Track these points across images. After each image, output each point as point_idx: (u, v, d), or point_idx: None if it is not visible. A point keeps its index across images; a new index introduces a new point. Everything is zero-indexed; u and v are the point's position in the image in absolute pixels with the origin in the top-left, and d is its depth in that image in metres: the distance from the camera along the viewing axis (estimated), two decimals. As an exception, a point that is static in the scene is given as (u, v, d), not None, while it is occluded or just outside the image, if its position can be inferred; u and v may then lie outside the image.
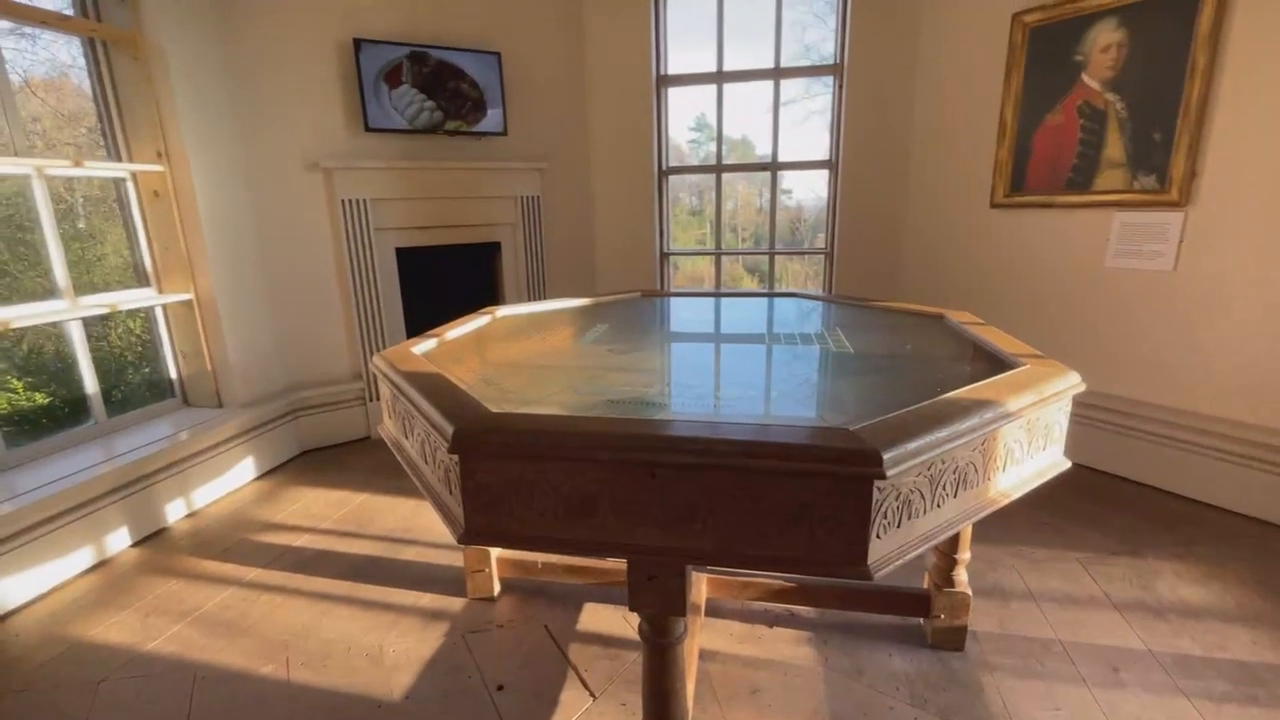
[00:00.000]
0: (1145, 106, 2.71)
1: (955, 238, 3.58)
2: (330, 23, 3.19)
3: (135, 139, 2.81)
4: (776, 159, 4.12)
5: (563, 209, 4.10)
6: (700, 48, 4.03)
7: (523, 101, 3.79)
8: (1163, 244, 2.73)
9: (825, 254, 4.16)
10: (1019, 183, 3.22)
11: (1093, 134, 2.90)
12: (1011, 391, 1.21)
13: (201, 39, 2.86)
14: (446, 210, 3.66)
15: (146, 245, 2.92)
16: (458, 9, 3.51)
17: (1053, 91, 3.02)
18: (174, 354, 3.05)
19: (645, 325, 2.28)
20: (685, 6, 4.00)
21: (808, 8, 4.04)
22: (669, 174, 4.25)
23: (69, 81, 2.81)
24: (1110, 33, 2.79)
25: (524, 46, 3.73)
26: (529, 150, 3.87)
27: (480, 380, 1.61)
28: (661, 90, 4.08)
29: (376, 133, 3.33)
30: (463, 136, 3.57)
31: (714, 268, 4.45)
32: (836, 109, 3.89)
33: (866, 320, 2.15)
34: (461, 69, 3.46)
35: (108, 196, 2.87)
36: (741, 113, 4.24)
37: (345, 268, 3.40)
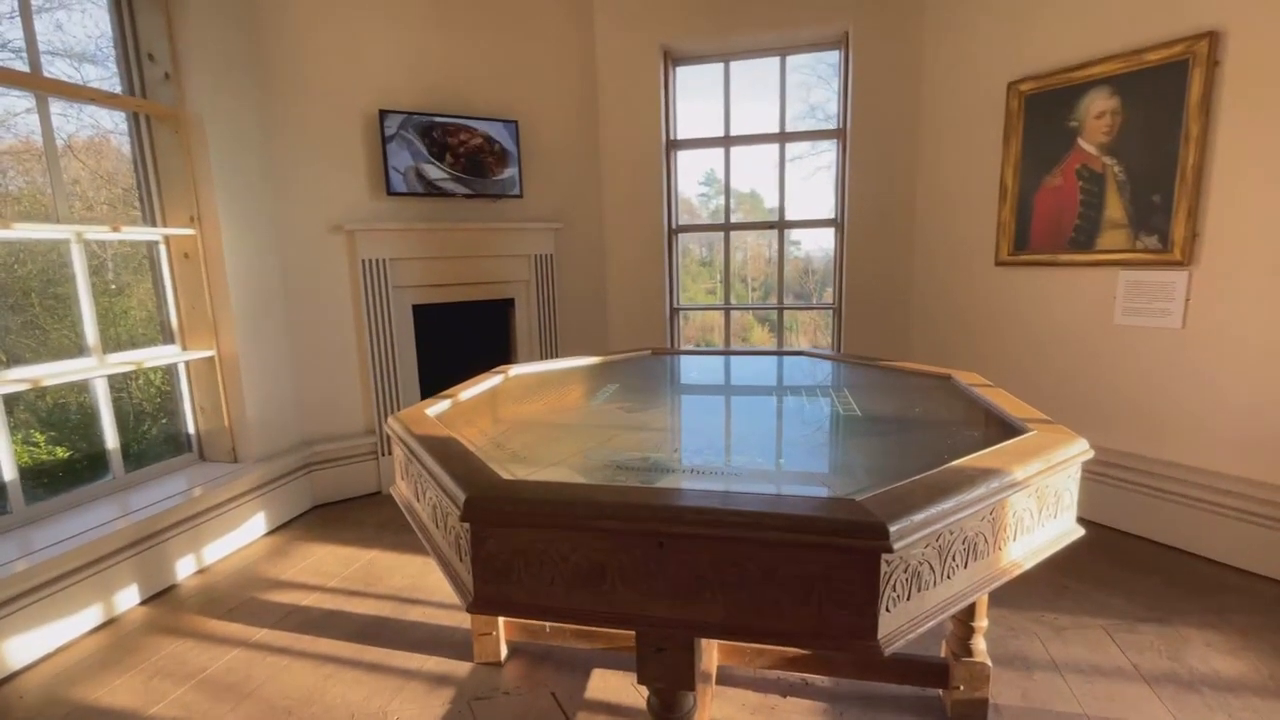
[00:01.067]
0: (1143, 171, 2.78)
1: (962, 295, 3.62)
2: (358, 96, 3.38)
3: (170, 204, 2.96)
4: (783, 217, 4.23)
5: (576, 266, 4.20)
6: (708, 97, 4.21)
7: (538, 165, 3.95)
8: (1169, 302, 2.75)
9: (833, 309, 4.20)
10: (1023, 242, 3.27)
11: (1093, 196, 2.97)
12: (1019, 459, 1.21)
13: (238, 113, 3.04)
14: (462, 268, 3.77)
15: (174, 303, 3.02)
16: (479, 82, 3.71)
17: (1051, 155, 3.11)
18: (193, 409, 3.11)
19: (655, 385, 2.31)
20: (694, 73, 4.21)
21: (811, 70, 4.23)
22: (679, 232, 4.37)
23: (109, 144, 2.97)
24: (1103, 101, 2.89)
25: (541, 114, 3.92)
26: (544, 211, 4.01)
27: (491, 442, 1.63)
28: (671, 154, 4.24)
29: (397, 196, 3.47)
30: (480, 199, 3.72)
31: (724, 320, 4.50)
32: (841, 171, 4.02)
33: (875, 381, 2.17)
34: (481, 136, 3.63)
35: (138, 253, 3.00)
36: (750, 167, 4.39)
37: (363, 325, 3.49)
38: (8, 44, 2.48)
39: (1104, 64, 2.84)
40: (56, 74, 2.57)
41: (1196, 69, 2.56)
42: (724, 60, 4.11)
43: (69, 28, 2.70)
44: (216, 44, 2.92)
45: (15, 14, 2.43)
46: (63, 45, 2.69)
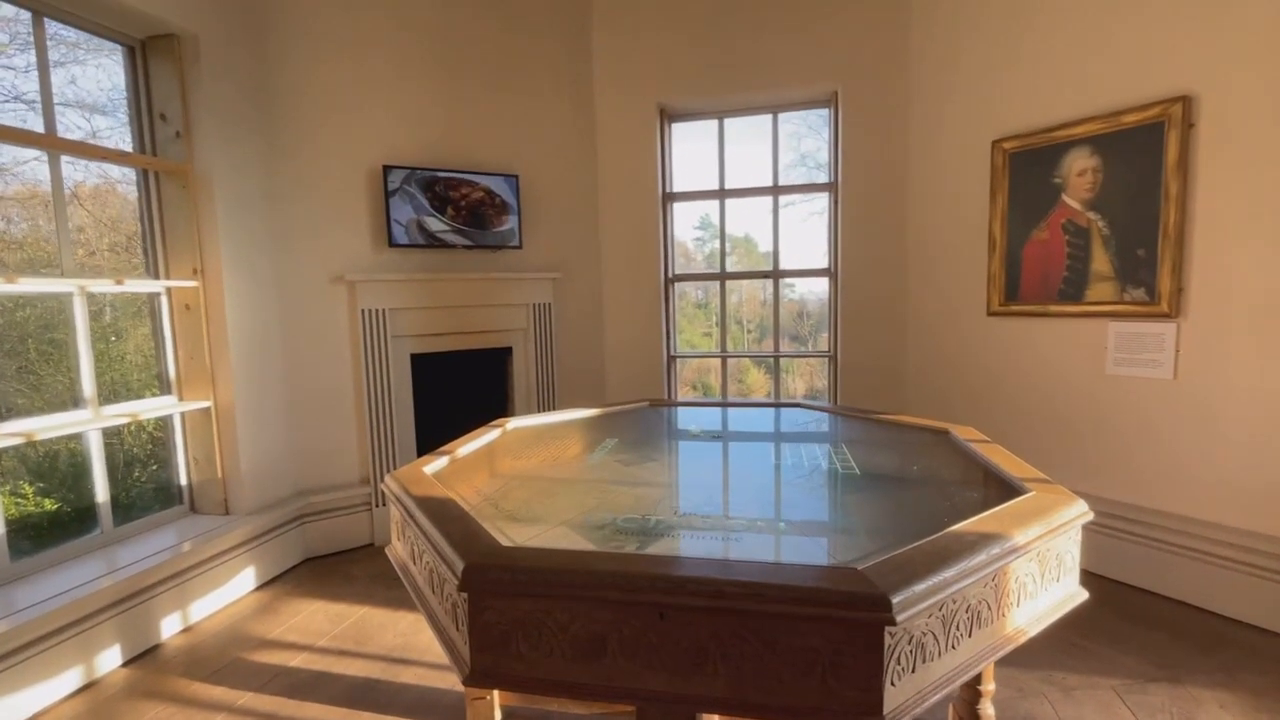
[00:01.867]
0: (1126, 226, 2.86)
1: (955, 344, 3.66)
2: (363, 152, 3.48)
3: (174, 256, 3.00)
4: (778, 266, 4.30)
5: (573, 315, 4.25)
6: (701, 138, 4.33)
7: (538, 217, 4.04)
8: (1159, 353, 2.79)
9: (829, 357, 4.24)
10: (1013, 292, 3.33)
11: (1079, 249, 3.05)
12: (1019, 523, 1.21)
13: (245, 168, 3.12)
14: (461, 318, 3.80)
15: (172, 354, 3.03)
16: (481, 138, 3.82)
17: (1037, 210, 3.20)
18: (187, 461, 3.08)
19: (654, 439, 2.31)
20: (689, 130, 4.35)
21: (802, 120, 4.37)
22: (675, 281, 4.44)
23: (114, 192, 3.00)
24: (1085, 159, 2.99)
25: (541, 168, 4.03)
26: (543, 261, 4.07)
27: (488, 500, 1.62)
28: (667, 205, 4.34)
29: (399, 248, 3.53)
30: (481, 250, 3.78)
31: (721, 366, 4.52)
32: (833, 222, 4.11)
33: (872, 436, 2.17)
34: (482, 190, 3.72)
35: (137, 299, 3.01)
36: (744, 211, 4.47)
37: (361, 374, 3.50)
38: (21, 95, 2.54)
39: (1083, 125, 2.96)
40: (67, 124, 2.64)
41: (1172, 131, 2.66)
42: (718, 117, 4.26)
43: (82, 81, 2.78)
44: (227, 104, 3.02)
45: (31, 68, 2.51)
46: (74, 97, 2.76)
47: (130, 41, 2.86)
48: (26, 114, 2.55)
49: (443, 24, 3.67)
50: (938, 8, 3.59)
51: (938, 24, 3.60)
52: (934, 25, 3.62)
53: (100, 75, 2.84)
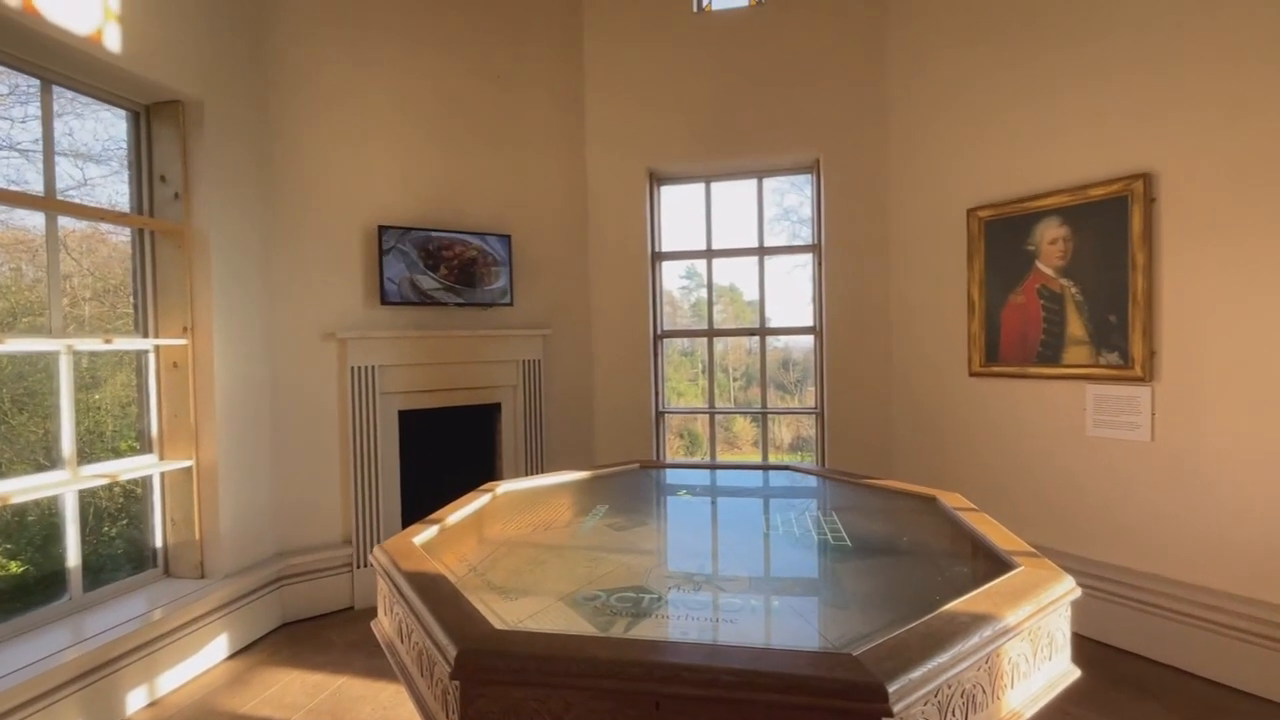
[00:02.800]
0: (1098, 293, 2.97)
1: (939, 403, 3.72)
2: (359, 213, 3.55)
3: (164, 315, 3.00)
4: (764, 324, 4.39)
5: (563, 370, 4.27)
6: (692, 197, 4.46)
7: (530, 274, 4.11)
8: (1136, 416, 2.86)
9: (815, 414, 4.28)
10: (993, 354, 3.42)
11: (1054, 314, 3.15)
12: (1010, 602, 1.22)
13: (242, 227, 3.17)
14: (451, 374, 3.81)
15: (156, 412, 2.99)
16: (475, 198, 3.92)
17: (1012, 275, 3.33)
18: (164, 522, 3.00)
19: (644, 504, 2.31)
20: (677, 191, 4.50)
21: (786, 178, 4.51)
22: (663, 337, 4.50)
23: (105, 241, 2.98)
24: (1055, 229, 3.14)
25: (533, 228, 4.12)
26: (533, 318, 4.12)
27: (476, 571, 1.60)
28: (656, 264, 4.44)
29: (391, 305, 3.56)
30: (472, 307, 3.82)
31: (709, 422, 4.54)
32: (818, 282, 4.23)
33: (861, 502, 2.19)
34: (475, 249, 3.79)
35: (120, 351, 2.98)
36: (730, 261, 4.56)
37: (348, 432, 3.47)
38: (15, 144, 2.55)
39: (1053, 197, 3.11)
40: (61, 172, 2.65)
41: (1135, 205, 2.81)
42: (705, 181, 4.42)
43: (80, 134, 2.80)
44: (227, 166, 3.08)
45: (29, 119, 2.55)
46: (70, 146, 2.77)
47: (135, 107, 2.93)
48: (20, 163, 2.57)
49: (441, 90, 3.82)
50: (914, 83, 3.80)
51: (914, 99, 3.81)
52: (911, 99, 3.83)
53: (98, 127, 2.86)
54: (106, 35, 2.54)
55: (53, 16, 2.33)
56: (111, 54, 2.55)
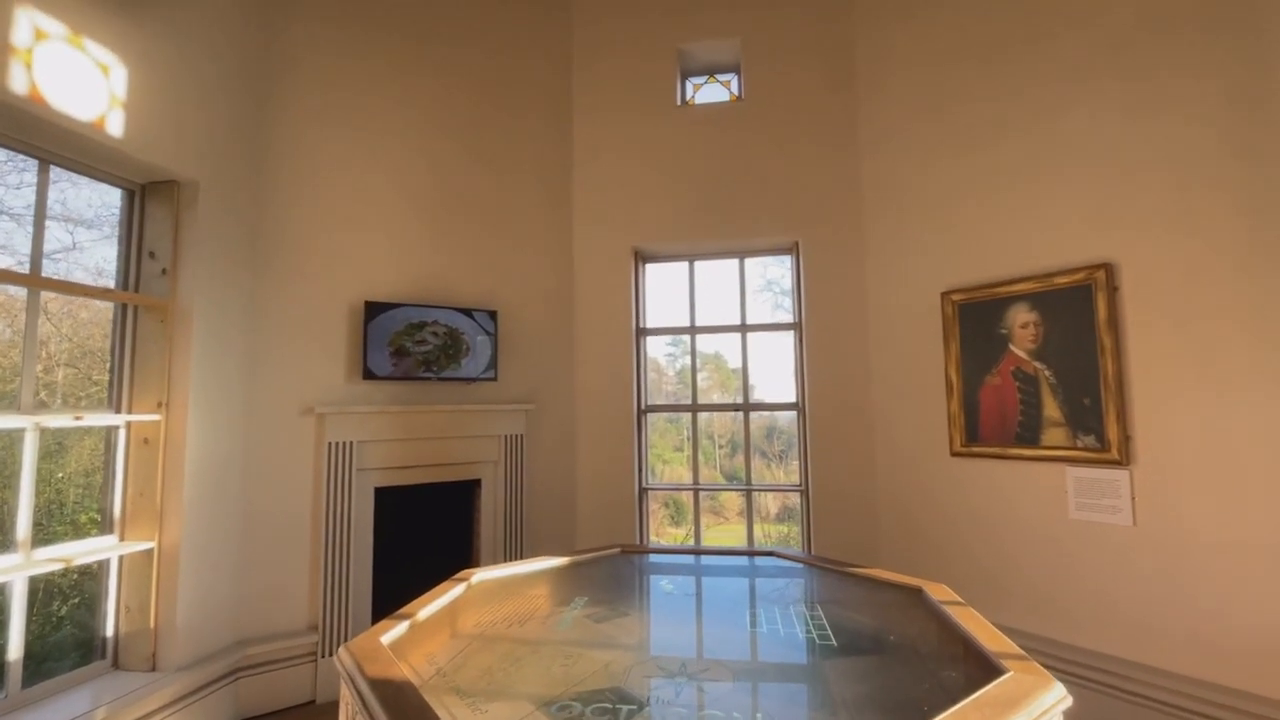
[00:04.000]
0: (1070, 376, 3.05)
1: (923, 483, 3.72)
2: (346, 288, 3.59)
3: (140, 389, 2.95)
4: (748, 399, 4.41)
5: (545, 445, 4.23)
6: (676, 273, 4.55)
7: (514, 349, 4.13)
8: (1117, 499, 2.87)
9: (800, 490, 4.24)
10: (973, 434, 3.45)
11: (1030, 396, 3.21)
12: (1000, 714, 1.18)
13: (227, 302, 3.17)
14: (431, 450, 3.75)
15: (121, 490, 2.89)
16: (463, 274, 3.99)
17: (987, 357, 3.41)
18: (117, 609, 2.84)
19: (625, 591, 2.24)
20: (662, 268, 4.61)
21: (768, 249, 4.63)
22: (647, 412, 4.49)
23: (87, 305, 2.95)
24: (1025, 314, 3.24)
25: (519, 303, 4.18)
26: (517, 392, 4.12)
27: (443, 676, 1.52)
28: (640, 340, 4.50)
29: (373, 380, 3.54)
30: (456, 382, 3.82)
31: (693, 499, 4.47)
32: (800, 360, 4.29)
33: (847, 594, 2.14)
34: (461, 324, 3.82)
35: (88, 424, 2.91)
36: (714, 315, 4.61)
37: (321, 510, 3.36)
38: (6, 209, 2.55)
39: (1021, 283, 3.24)
40: (51, 238, 2.64)
41: (1099, 293, 2.93)
42: (689, 260, 4.55)
43: (73, 202, 2.80)
44: (217, 243, 3.12)
45: (24, 186, 2.58)
46: (61, 212, 2.77)
47: (131, 186, 2.99)
48: (10, 227, 2.55)
49: (434, 171, 3.95)
50: (883, 172, 4.01)
51: (885, 186, 4.01)
52: (883, 188, 4.03)
53: (92, 195, 2.86)
54: (109, 120, 2.62)
55: (58, 104, 2.41)
56: (113, 138, 2.63)
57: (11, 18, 2.26)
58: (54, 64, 2.41)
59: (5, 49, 2.24)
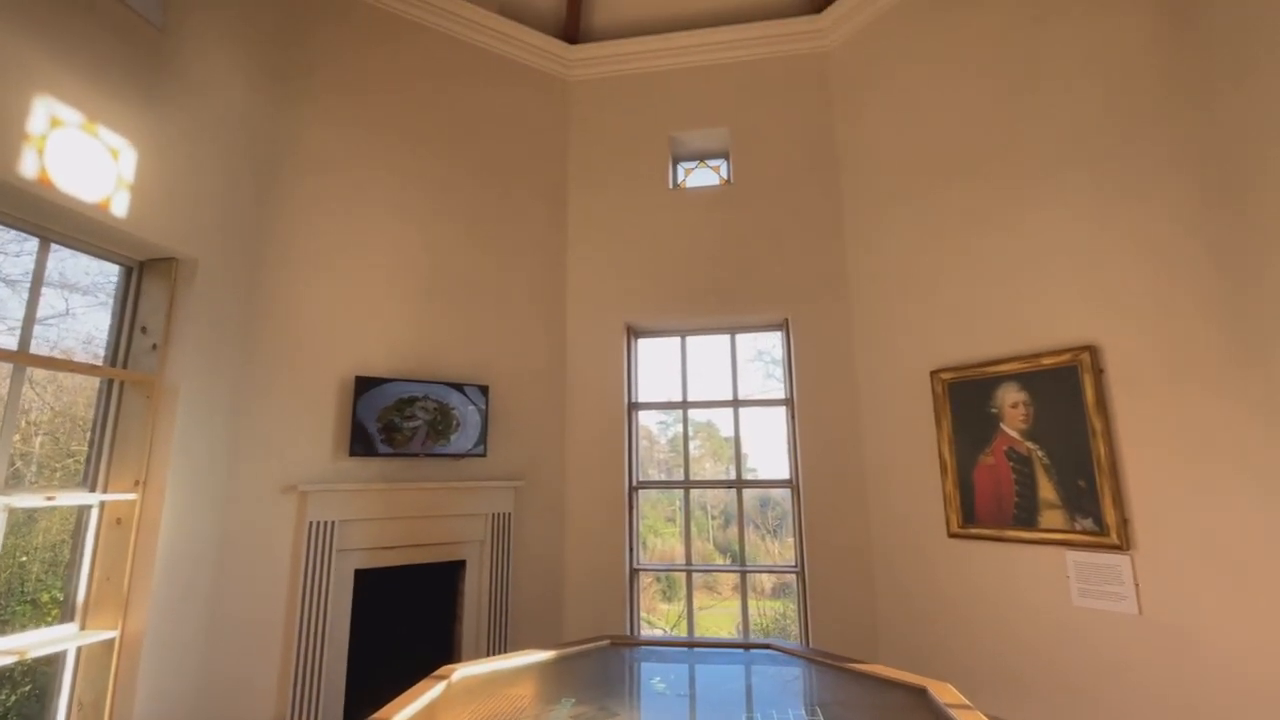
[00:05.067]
0: (1063, 457, 3.03)
1: (921, 566, 3.62)
2: (337, 363, 3.58)
3: (118, 467, 2.87)
4: (741, 476, 4.35)
5: (534, 524, 4.11)
6: (668, 347, 4.56)
7: (505, 425, 4.09)
8: (1120, 586, 2.80)
9: (796, 572, 4.12)
10: (970, 515, 3.40)
11: (1024, 476, 3.19)
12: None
13: (215, 378, 3.15)
14: (415, 529, 3.64)
15: (88, 575, 2.76)
16: (455, 350, 4.00)
17: (980, 436, 3.40)
18: (69, 705, 2.65)
19: (615, 688, 2.11)
20: (654, 343, 4.65)
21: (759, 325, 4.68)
22: (639, 489, 4.41)
23: (69, 376, 2.90)
24: (1015, 393, 3.27)
25: (511, 378, 4.17)
26: (506, 468, 4.04)
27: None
28: (632, 414, 4.47)
29: (359, 456, 3.48)
30: (444, 458, 3.75)
31: (686, 580, 4.32)
32: (792, 436, 4.27)
33: (848, 693, 2.03)
34: (452, 399, 3.80)
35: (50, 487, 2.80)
36: (706, 389, 4.59)
37: (297, 596, 3.21)
38: (5, 276, 2.55)
39: (1009, 363, 3.28)
40: (44, 304, 2.63)
41: (1086, 374, 2.97)
42: (681, 335, 4.60)
43: (71, 272, 2.83)
44: (211, 320, 3.13)
45: (23, 254, 2.58)
46: (58, 279, 2.77)
47: (130, 263, 3.02)
48: (5, 293, 2.55)
49: (430, 250, 4.03)
50: (868, 253, 4.13)
51: (872, 268, 4.12)
52: (869, 269, 4.14)
53: (89, 264, 2.88)
54: (115, 201, 2.68)
55: (65, 187, 2.47)
56: (116, 219, 2.68)
57: (29, 107, 2.35)
58: (66, 149, 2.48)
59: (19, 135, 2.31)
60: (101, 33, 2.65)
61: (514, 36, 4.55)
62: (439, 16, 4.31)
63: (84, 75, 2.56)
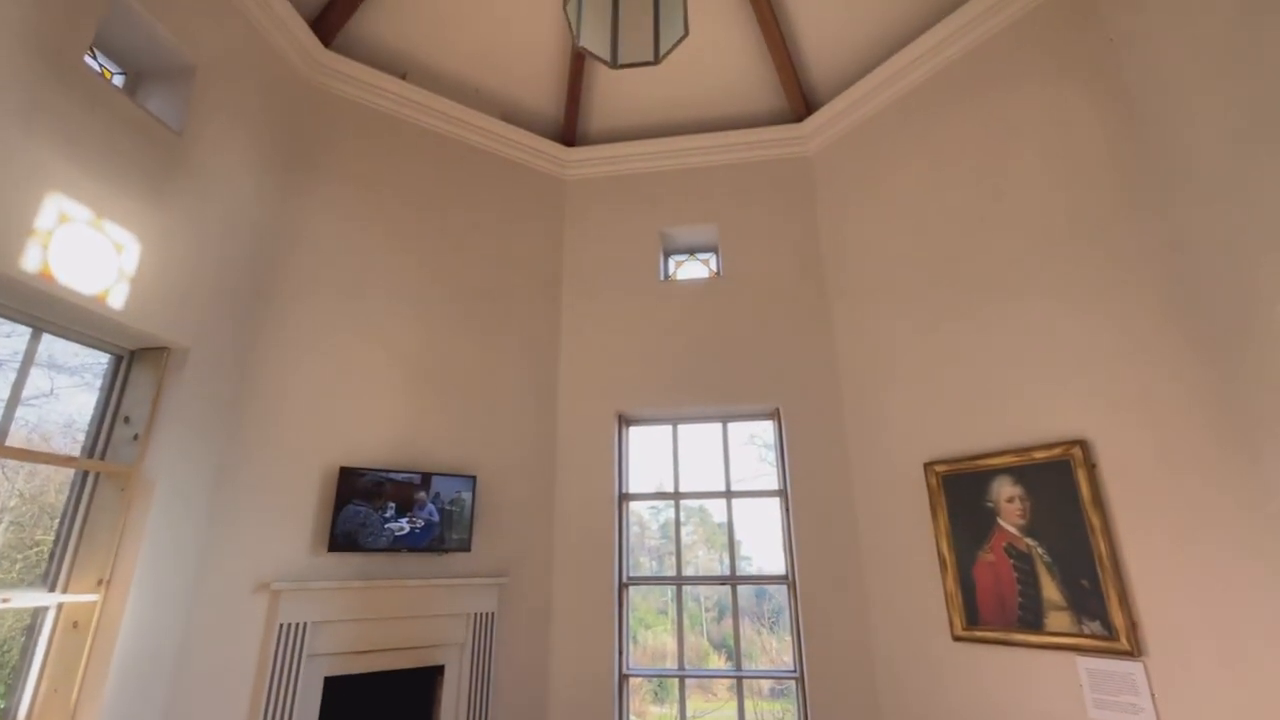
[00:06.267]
0: (1065, 556, 2.96)
1: (925, 671, 3.44)
2: (322, 453, 3.50)
3: (83, 563, 2.73)
4: (735, 570, 4.20)
5: (518, 624, 3.90)
6: (660, 434, 4.49)
7: (492, 517, 3.97)
8: (1136, 697, 2.65)
9: (795, 678, 3.89)
10: (973, 616, 3.26)
11: (1026, 574, 3.09)
12: None
13: (195, 469, 3.06)
14: (392, 631, 3.44)
15: (34, 686, 2.55)
16: (443, 440, 3.94)
17: (977, 532, 3.32)
18: (-7, 841, 2.38)
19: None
20: (645, 432, 4.61)
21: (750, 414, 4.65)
22: (629, 585, 4.23)
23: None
24: (1009, 487, 3.23)
25: (500, 469, 4.09)
26: (491, 565, 3.88)
27: None
28: (623, 505, 4.37)
29: (339, 552, 3.34)
30: (427, 554, 3.61)
31: (679, 686, 4.05)
32: (787, 529, 4.16)
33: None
34: (438, 491, 3.70)
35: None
36: (697, 479, 4.47)
37: (260, 708, 2.98)
38: None
39: (1002, 456, 3.26)
40: (30, 384, 2.58)
41: (1079, 469, 2.95)
42: (673, 423, 4.57)
43: (59, 354, 2.79)
44: (197, 409, 3.08)
45: (13, 334, 2.55)
46: (47, 359, 2.72)
47: (121, 352, 3.02)
48: None
49: (422, 339, 4.04)
50: (857, 345, 4.20)
51: (860, 360, 4.17)
52: (857, 361, 4.19)
53: (79, 346, 2.85)
54: (113, 293, 2.71)
55: (65, 280, 2.50)
56: (113, 310, 2.70)
57: (40, 205, 2.42)
58: (71, 244, 2.53)
59: (26, 232, 2.37)
60: (121, 135, 2.77)
61: (515, 140, 4.82)
62: (445, 122, 4.57)
63: (97, 173, 2.66)
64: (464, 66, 4.57)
